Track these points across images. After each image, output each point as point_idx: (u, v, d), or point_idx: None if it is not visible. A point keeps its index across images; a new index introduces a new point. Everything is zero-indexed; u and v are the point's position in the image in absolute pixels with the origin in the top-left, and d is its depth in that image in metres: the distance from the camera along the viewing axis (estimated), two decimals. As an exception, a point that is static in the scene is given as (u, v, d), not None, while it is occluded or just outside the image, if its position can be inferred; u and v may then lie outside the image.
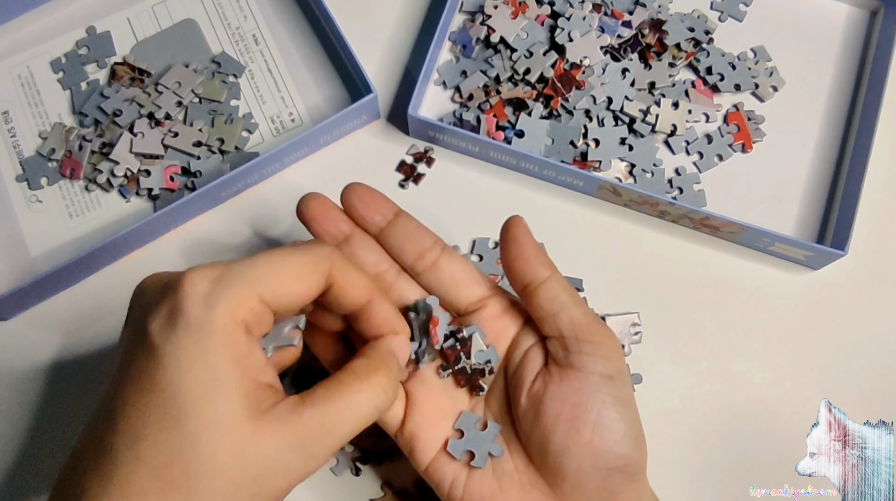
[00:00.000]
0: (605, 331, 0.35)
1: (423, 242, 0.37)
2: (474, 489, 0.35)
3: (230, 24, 0.54)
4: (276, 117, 0.52)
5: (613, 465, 0.34)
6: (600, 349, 0.34)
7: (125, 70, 0.52)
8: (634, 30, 0.51)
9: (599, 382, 0.34)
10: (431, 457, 0.36)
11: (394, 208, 0.38)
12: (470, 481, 0.35)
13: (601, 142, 0.49)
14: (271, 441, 0.28)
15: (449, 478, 0.35)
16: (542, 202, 0.50)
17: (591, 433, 0.33)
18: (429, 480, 0.36)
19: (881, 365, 0.47)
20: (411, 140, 0.52)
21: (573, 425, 0.33)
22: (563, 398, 0.34)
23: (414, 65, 0.54)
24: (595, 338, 0.34)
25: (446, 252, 0.38)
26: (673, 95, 0.51)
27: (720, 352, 0.47)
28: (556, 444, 0.34)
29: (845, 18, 0.54)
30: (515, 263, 0.36)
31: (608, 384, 0.34)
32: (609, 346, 0.35)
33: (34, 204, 0.50)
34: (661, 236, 0.49)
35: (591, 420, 0.33)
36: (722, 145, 0.51)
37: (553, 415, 0.34)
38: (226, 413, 0.27)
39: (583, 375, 0.34)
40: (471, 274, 0.38)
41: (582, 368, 0.34)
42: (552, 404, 0.34)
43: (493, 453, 0.35)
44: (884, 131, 0.49)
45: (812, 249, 0.46)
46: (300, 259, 0.30)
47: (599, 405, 0.34)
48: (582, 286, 0.48)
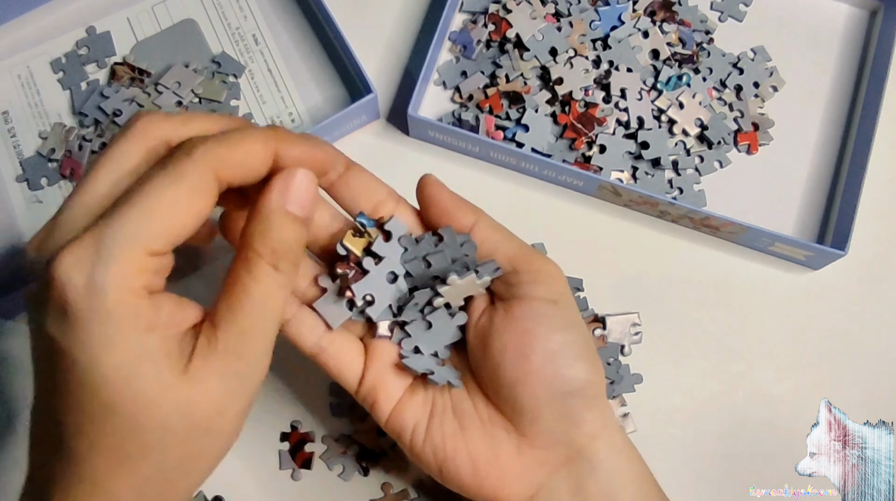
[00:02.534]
0: (544, 258, 0.35)
1: (377, 193, 0.36)
2: (435, 431, 0.34)
3: (230, 24, 0.54)
4: (276, 117, 0.52)
5: (568, 389, 0.33)
6: (540, 276, 0.34)
7: (125, 70, 0.52)
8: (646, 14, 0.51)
9: (543, 306, 0.34)
10: (392, 407, 0.35)
11: (344, 160, 0.35)
12: (431, 424, 0.35)
13: (607, 148, 0.49)
14: (208, 384, 0.27)
15: (410, 426, 0.35)
16: (542, 202, 0.50)
17: (541, 360, 0.33)
18: (390, 432, 0.36)
19: (881, 365, 0.47)
20: (411, 140, 0.52)
21: (521, 353, 0.33)
22: (509, 328, 0.33)
23: (414, 65, 0.54)
24: (533, 266, 0.34)
25: (400, 204, 0.37)
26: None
27: (720, 352, 0.47)
28: (507, 376, 0.33)
29: (845, 18, 0.54)
30: (438, 220, 0.35)
31: (552, 308, 0.34)
32: (548, 272, 0.34)
33: (34, 204, 0.50)
34: (661, 236, 0.49)
35: (538, 347, 0.33)
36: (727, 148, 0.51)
37: (500, 347, 0.33)
38: (158, 381, 0.26)
39: (525, 302, 0.34)
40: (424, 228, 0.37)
41: (523, 296, 0.34)
42: (498, 336, 0.34)
43: (451, 382, 0.34)
44: (884, 131, 0.49)
45: (812, 249, 0.46)
46: (179, 186, 0.26)
47: (546, 330, 0.33)
48: (582, 286, 0.48)
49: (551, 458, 0.34)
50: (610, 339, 0.47)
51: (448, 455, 0.34)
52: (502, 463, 0.34)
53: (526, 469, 0.34)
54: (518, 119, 0.50)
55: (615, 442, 0.34)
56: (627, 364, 0.46)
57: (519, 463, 0.34)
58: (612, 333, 0.47)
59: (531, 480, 0.34)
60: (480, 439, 0.34)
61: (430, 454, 0.34)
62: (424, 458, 0.35)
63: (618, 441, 0.35)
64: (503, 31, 0.51)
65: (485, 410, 0.35)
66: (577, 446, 0.34)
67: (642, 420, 0.45)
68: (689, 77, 0.51)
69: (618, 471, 0.34)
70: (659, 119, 0.50)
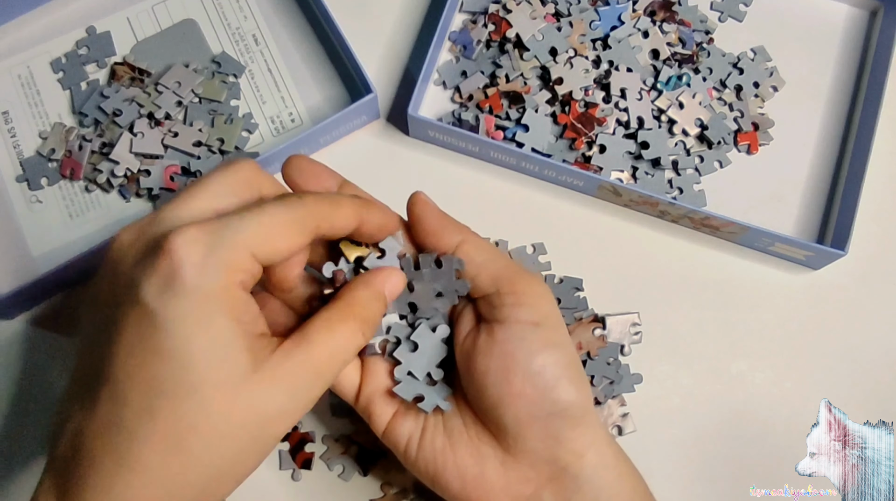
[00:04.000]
0: (528, 279, 0.35)
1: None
2: (427, 446, 0.35)
3: (230, 24, 0.54)
4: (276, 117, 0.52)
5: (552, 410, 0.33)
6: (523, 298, 0.34)
7: (125, 70, 0.52)
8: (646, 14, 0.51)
9: (524, 330, 0.34)
10: (386, 423, 0.36)
11: (338, 179, 0.36)
12: (423, 439, 0.36)
13: (608, 148, 0.49)
14: (272, 390, 0.29)
15: (405, 438, 0.36)
16: (542, 202, 0.50)
17: (523, 383, 0.33)
18: (387, 443, 0.37)
19: (881, 365, 0.47)
20: (411, 140, 0.52)
21: (504, 376, 0.33)
22: (491, 351, 0.34)
23: (414, 65, 0.54)
24: (517, 288, 0.34)
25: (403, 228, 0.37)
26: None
27: (720, 352, 0.47)
28: (490, 397, 0.34)
29: (845, 18, 0.54)
30: (425, 240, 0.36)
31: (534, 331, 0.34)
32: (533, 293, 0.35)
33: (34, 204, 0.50)
34: (661, 236, 0.49)
35: (519, 370, 0.33)
36: (727, 148, 0.51)
37: (483, 369, 0.34)
38: (235, 374, 0.28)
39: (506, 325, 0.34)
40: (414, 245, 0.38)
41: (505, 319, 0.34)
42: (481, 358, 0.34)
43: (441, 407, 0.35)
44: (884, 131, 0.49)
45: (812, 249, 0.46)
46: (289, 217, 0.30)
47: (526, 354, 0.33)
48: (582, 286, 0.48)
49: (535, 475, 0.34)
50: (610, 339, 0.47)
51: (438, 468, 0.35)
52: (488, 478, 0.34)
53: (511, 484, 0.34)
54: (518, 119, 0.50)
55: (603, 459, 0.34)
56: (627, 364, 0.46)
57: (504, 479, 0.34)
58: (612, 333, 0.47)
59: (517, 494, 0.34)
60: (468, 454, 0.35)
61: (422, 466, 0.36)
62: (418, 470, 0.36)
63: (607, 458, 0.35)
64: (503, 31, 0.51)
65: (473, 426, 0.35)
66: (562, 464, 0.34)
67: (642, 420, 0.45)
68: (689, 77, 0.51)
69: (606, 487, 0.34)
70: (659, 119, 0.50)
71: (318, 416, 0.45)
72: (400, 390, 0.35)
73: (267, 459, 0.44)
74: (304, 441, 0.45)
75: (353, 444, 0.45)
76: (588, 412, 0.34)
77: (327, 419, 0.45)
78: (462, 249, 0.35)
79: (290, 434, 0.45)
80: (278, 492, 0.44)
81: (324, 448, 0.45)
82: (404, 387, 0.35)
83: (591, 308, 0.47)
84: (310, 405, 0.30)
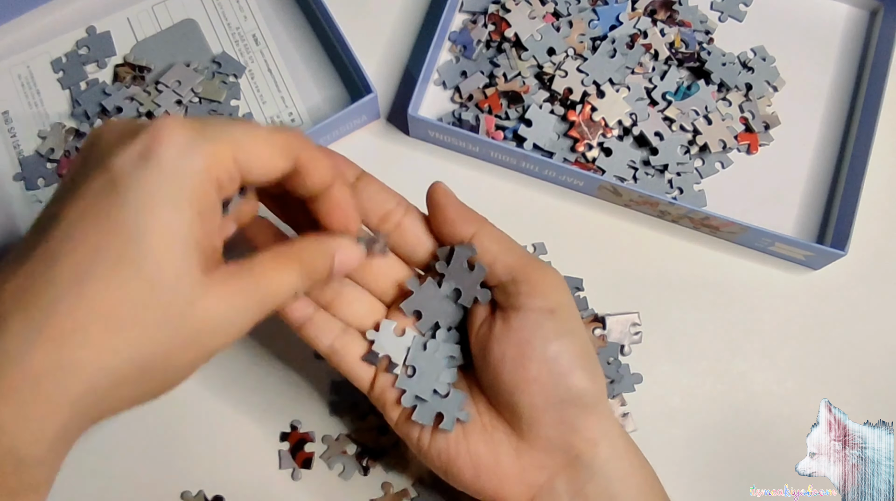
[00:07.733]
0: (543, 268, 0.35)
1: (387, 203, 0.37)
2: (440, 435, 0.36)
3: (230, 24, 0.54)
4: (276, 117, 0.52)
5: (566, 397, 0.34)
6: (538, 287, 0.34)
7: (126, 71, 0.52)
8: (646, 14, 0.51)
9: (540, 317, 0.34)
10: (399, 413, 0.37)
11: (356, 170, 0.37)
12: (436, 428, 0.36)
13: (613, 152, 0.49)
14: (216, 300, 0.28)
15: (417, 430, 0.36)
16: (542, 202, 0.50)
17: (538, 369, 0.34)
18: (400, 433, 0.37)
19: (881, 365, 0.47)
20: (411, 140, 0.52)
21: (519, 363, 0.34)
22: (507, 338, 0.34)
23: (414, 65, 0.54)
24: (532, 277, 0.35)
25: (409, 213, 0.37)
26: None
27: (720, 352, 0.47)
28: (506, 383, 0.34)
29: (845, 18, 0.55)
30: (441, 228, 0.36)
31: (550, 319, 0.34)
32: (548, 282, 0.35)
33: (34, 204, 0.50)
34: (661, 236, 0.49)
35: (535, 356, 0.34)
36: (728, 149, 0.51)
37: (499, 356, 0.34)
38: (183, 266, 0.26)
39: (522, 313, 0.34)
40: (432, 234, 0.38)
41: (521, 306, 0.34)
42: (497, 345, 0.34)
43: (461, 418, 0.35)
44: (884, 131, 0.49)
45: (812, 249, 0.46)
46: (275, 135, 0.30)
47: (542, 340, 0.34)
48: (582, 286, 0.48)
49: (550, 462, 0.34)
50: (610, 339, 0.47)
51: (451, 457, 0.35)
52: (502, 466, 0.35)
53: (525, 471, 0.35)
54: (519, 118, 0.50)
55: (616, 448, 0.35)
56: (627, 364, 0.46)
57: (518, 466, 0.35)
58: (612, 333, 0.47)
59: (531, 482, 0.35)
60: (481, 442, 0.35)
61: (435, 456, 0.36)
62: (430, 459, 0.36)
63: (619, 447, 0.35)
64: (502, 31, 0.51)
65: (486, 414, 0.36)
66: (575, 452, 0.34)
67: (642, 420, 0.45)
68: (698, 88, 0.50)
69: (619, 477, 0.34)
70: (670, 128, 0.50)
71: (317, 416, 0.45)
72: (418, 417, 0.36)
73: (267, 459, 0.45)
74: (304, 440, 0.45)
75: (353, 443, 0.45)
76: (601, 401, 0.35)
77: (327, 418, 0.45)
78: (478, 238, 0.36)
79: (290, 434, 0.45)
80: (278, 492, 0.44)
81: (324, 447, 0.45)
82: (421, 412, 0.36)
83: (591, 308, 0.48)
84: (242, 332, 0.29)
